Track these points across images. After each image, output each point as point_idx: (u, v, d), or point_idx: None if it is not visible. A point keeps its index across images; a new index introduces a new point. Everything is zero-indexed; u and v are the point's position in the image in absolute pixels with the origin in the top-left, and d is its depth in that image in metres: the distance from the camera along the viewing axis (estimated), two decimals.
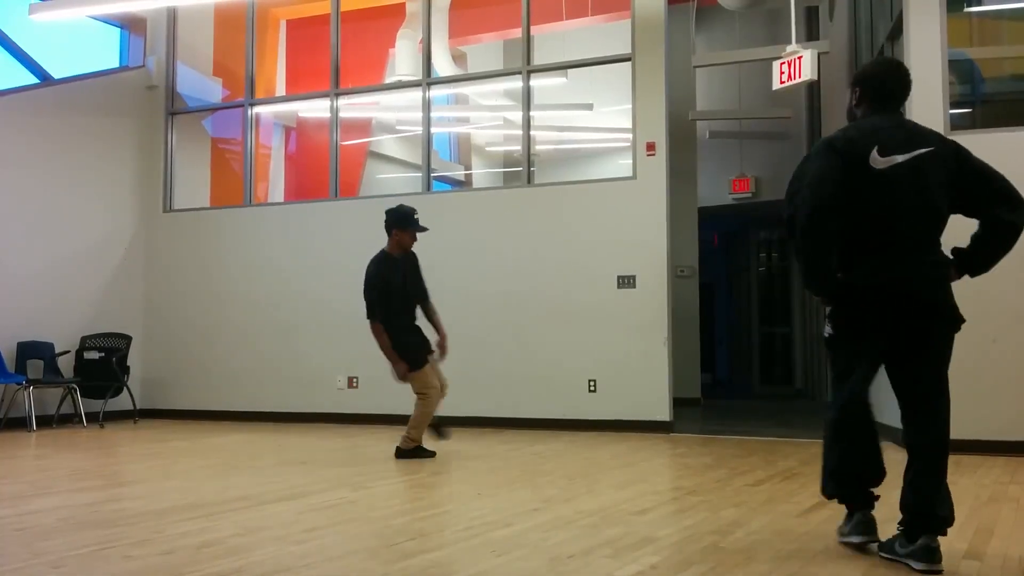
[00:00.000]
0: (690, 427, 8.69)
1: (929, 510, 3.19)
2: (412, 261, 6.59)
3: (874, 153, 3.26)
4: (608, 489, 4.97)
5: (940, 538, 3.18)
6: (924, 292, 3.26)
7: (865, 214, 3.29)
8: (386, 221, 6.57)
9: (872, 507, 3.49)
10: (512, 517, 4.12)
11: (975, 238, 3.38)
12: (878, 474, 3.46)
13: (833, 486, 3.51)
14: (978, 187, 3.36)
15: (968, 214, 3.40)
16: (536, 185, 9.61)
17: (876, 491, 3.50)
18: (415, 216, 6.55)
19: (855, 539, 3.44)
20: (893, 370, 3.40)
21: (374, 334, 6.32)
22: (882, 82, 3.48)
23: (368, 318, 6.35)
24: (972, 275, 3.41)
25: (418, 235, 6.57)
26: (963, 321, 3.32)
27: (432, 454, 6.42)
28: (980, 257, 3.38)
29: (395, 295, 6.41)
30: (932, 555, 3.13)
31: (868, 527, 3.42)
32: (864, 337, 3.35)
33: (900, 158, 3.26)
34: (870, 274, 3.29)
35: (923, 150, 3.29)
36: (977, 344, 6.45)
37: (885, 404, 3.70)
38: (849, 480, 3.47)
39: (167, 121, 10.70)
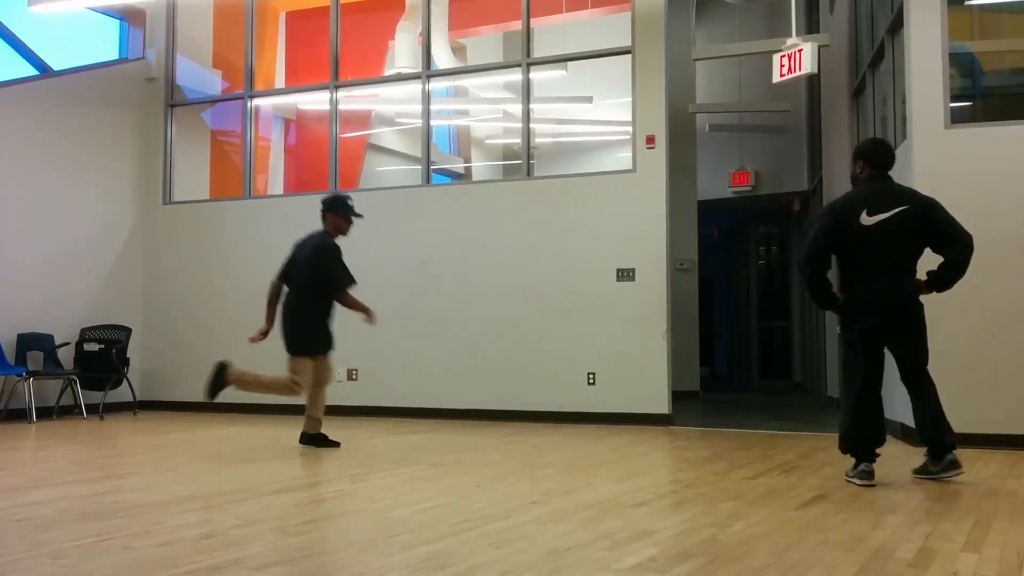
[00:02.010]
0: (689, 420, 8.70)
1: (940, 438, 4.87)
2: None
3: (863, 214, 4.78)
4: (607, 482, 4.98)
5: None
6: (891, 305, 4.81)
7: (858, 254, 4.82)
8: (322, 208, 6.56)
9: (874, 461, 4.86)
10: (511, 510, 4.12)
11: (939, 266, 4.84)
12: (880, 438, 4.88)
13: (847, 444, 4.90)
14: (936, 234, 4.81)
15: (933, 251, 4.85)
16: (536, 178, 9.61)
17: (878, 451, 4.88)
18: (349, 202, 6.52)
19: (857, 482, 4.78)
20: (893, 353, 4.93)
21: (346, 301, 6.34)
22: (877, 155, 4.97)
23: (340, 288, 6.32)
24: (938, 291, 4.88)
25: (355, 221, 6.57)
26: (924, 325, 4.87)
27: (212, 398, 6.31)
28: (940, 281, 4.85)
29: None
30: (957, 464, 4.86)
31: (868, 475, 4.79)
32: (859, 335, 4.86)
33: (883, 216, 4.76)
34: (860, 294, 4.86)
35: (900, 208, 4.78)
36: (976, 339, 6.46)
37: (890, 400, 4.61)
38: (860, 440, 4.86)
39: (166, 113, 10.69)
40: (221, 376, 6.25)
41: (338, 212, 6.46)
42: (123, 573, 3.04)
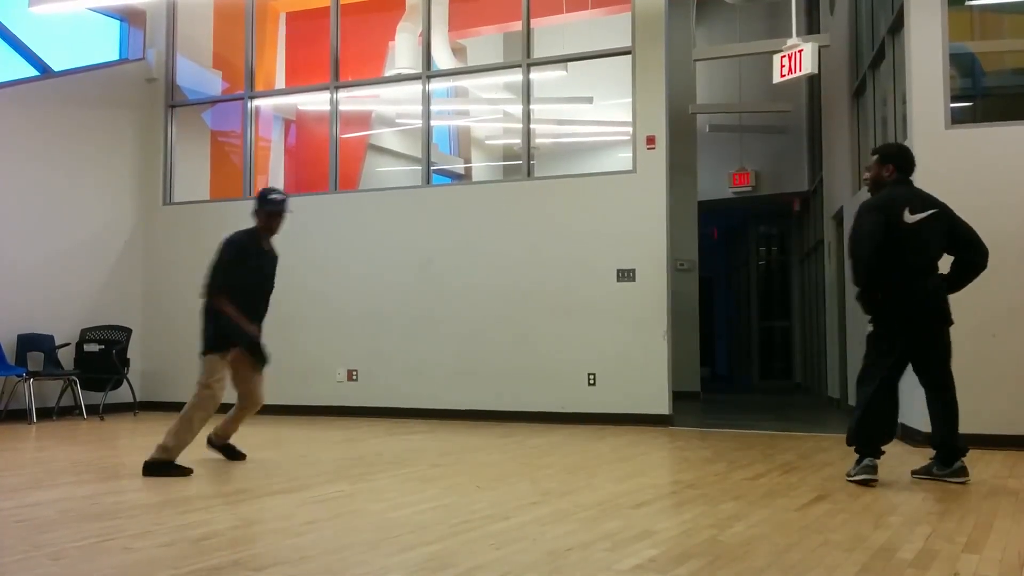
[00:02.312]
0: (689, 421, 8.70)
1: (954, 443, 4.95)
2: (275, 258, 5.99)
3: (906, 212, 4.90)
4: (607, 482, 4.98)
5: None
6: (926, 303, 4.93)
7: (898, 253, 4.87)
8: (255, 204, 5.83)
9: (879, 457, 4.93)
10: (511, 510, 4.12)
11: (954, 268, 5.06)
12: (889, 436, 4.97)
13: (855, 438, 4.96)
14: (956, 238, 5.02)
15: (950, 254, 5.06)
16: (536, 178, 9.61)
17: (884, 448, 4.97)
18: (273, 196, 5.76)
19: (860, 476, 4.86)
20: (915, 355, 4.99)
21: (219, 305, 5.48)
22: (907, 161, 5.11)
23: (210, 287, 5.54)
24: (951, 292, 5.02)
25: (287, 216, 5.84)
26: (952, 321, 5.01)
27: (189, 471, 5.31)
28: (956, 281, 5.05)
29: (248, 281, 5.73)
30: (966, 471, 4.94)
31: (872, 470, 4.87)
32: (906, 341, 4.94)
33: (921, 215, 4.91)
34: (899, 294, 4.90)
35: (932, 211, 4.94)
36: (978, 339, 6.46)
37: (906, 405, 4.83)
38: (869, 435, 4.93)
39: (167, 114, 10.69)
40: (159, 464, 5.31)
41: (262, 206, 5.73)
42: (123, 574, 3.04)
